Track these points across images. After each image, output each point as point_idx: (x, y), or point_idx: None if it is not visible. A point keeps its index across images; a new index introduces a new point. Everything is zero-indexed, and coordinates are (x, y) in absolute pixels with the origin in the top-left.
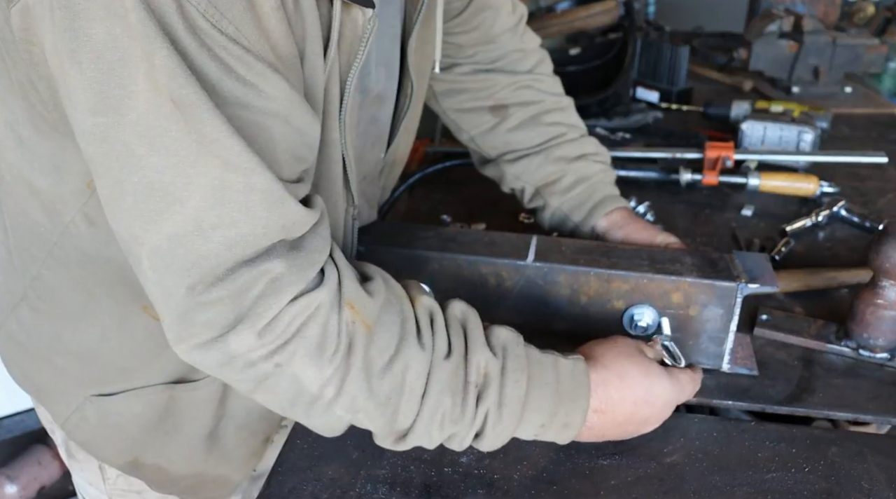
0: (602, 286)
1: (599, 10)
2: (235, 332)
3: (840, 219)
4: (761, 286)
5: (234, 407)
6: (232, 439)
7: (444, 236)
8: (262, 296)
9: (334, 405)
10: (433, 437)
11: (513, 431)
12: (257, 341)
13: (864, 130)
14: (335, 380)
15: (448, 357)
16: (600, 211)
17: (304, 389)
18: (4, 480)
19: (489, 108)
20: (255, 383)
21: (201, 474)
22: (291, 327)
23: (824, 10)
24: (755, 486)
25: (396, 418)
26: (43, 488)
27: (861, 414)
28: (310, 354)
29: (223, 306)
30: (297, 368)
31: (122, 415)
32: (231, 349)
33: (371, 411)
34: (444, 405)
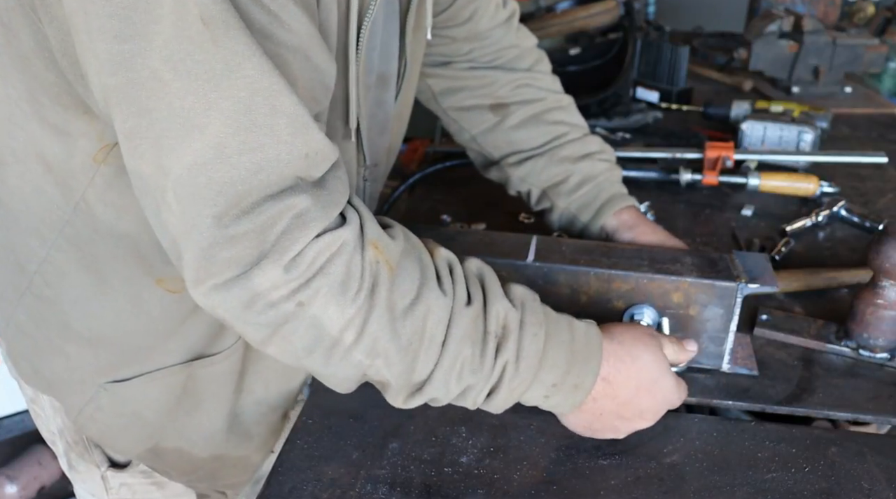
0: (602, 286)
1: (599, 10)
2: (260, 267)
3: (840, 219)
4: (761, 286)
5: (253, 382)
6: (252, 415)
7: (444, 236)
8: (287, 230)
9: (354, 349)
10: (450, 388)
11: (527, 387)
12: (283, 276)
13: (864, 130)
14: (357, 321)
15: (469, 305)
16: (608, 210)
17: (324, 332)
18: (4, 480)
19: (489, 107)
20: (273, 329)
21: (222, 457)
22: (316, 264)
23: (824, 10)
24: (755, 486)
25: (415, 366)
26: (43, 489)
27: (861, 414)
28: (333, 291)
29: (248, 241)
30: (319, 307)
31: (138, 401)
32: (255, 286)
33: (391, 355)
34: (464, 354)
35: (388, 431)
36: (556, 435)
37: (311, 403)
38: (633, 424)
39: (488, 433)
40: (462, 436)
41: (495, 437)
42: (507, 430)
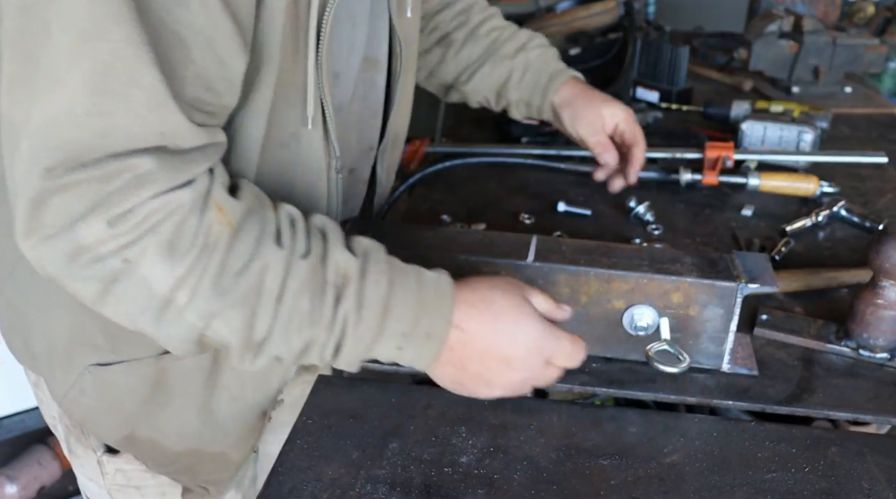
0: (602, 286)
1: (599, 10)
2: (85, 221)
3: (840, 219)
4: (761, 286)
5: (227, 378)
6: (226, 412)
7: (444, 236)
8: (122, 188)
9: (187, 311)
10: (292, 344)
11: (374, 338)
12: (107, 231)
13: (864, 130)
14: (190, 281)
15: (305, 257)
16: (552, 88)
17: (153, 291)
18: (4, 480)
19: (437, 43)
20: (104, 285)
21: (198, 451)
22: (146, 223)
23: (824, 10)
24: (755, 486)
25: (254, 324)
26: (43, 489)
27: (861, 414)
28: (161, 250)
29: (79, 191)
30: (147, 266)
31: (117, 387)
32: (79, 238)
33: (227, 315)
34: (302, 307)
35: (388, 431)
36: (557, 435)
37: (311, 403)
38: (502, 375)
39: (488, 433)
40: (462, 436)
41: (495, 437)
42: (508, 430)
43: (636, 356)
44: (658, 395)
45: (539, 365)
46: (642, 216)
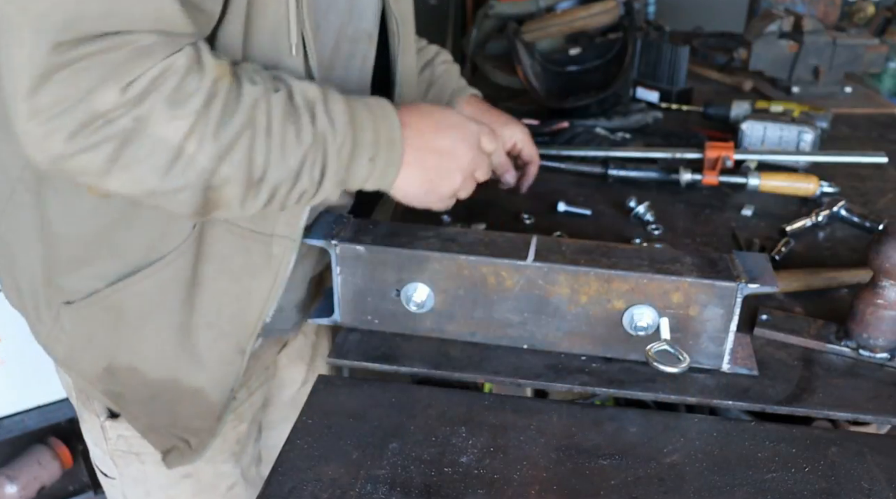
0: (602, 286)
1: (599, 10)
2: (99, 89)
3: (840, 219)
4: (761, 286)
5: (205, 300)
6: (202, 338)
7: (444, 236)
8: (128, 59)
9: (198, 157)
10: (288, 164)
11: (350, 152)
12: (120, 97)
13: (864, 130)
14: (197, 129)
15: (277, 91)
16: (453, 104)
17: (165, 145)
18: (4, 480)
19: None
20: (115, 150)
21: (177, 382)
22: (152, 85)
23: (824, 10)
24: (755, 486)
25: (253, 158)
26: (43, 489)
27: (861, 414)
28: (169, 105)
29: (89, 63)
30: (158, 122)
31: (88, 320)
32: (94, 107)
33: (231, 155)
34: (288, 132)
35: (388, 431)
36: (557, 435)
37: (311, 403)
38: (453, 159)
39: (488, 433)
40: (462, 436)
41: (495, 437)
42: (507, 430)
43: (636, 356)
44: (658, 395)
45: (476, 146)
46: (642, 216)
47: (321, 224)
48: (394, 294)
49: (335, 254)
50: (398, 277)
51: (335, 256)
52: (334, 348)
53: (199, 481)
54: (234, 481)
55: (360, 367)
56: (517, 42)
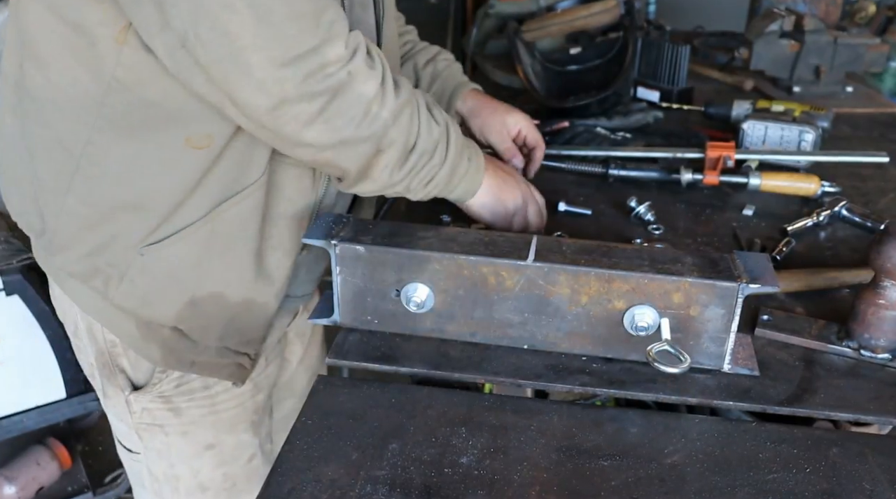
0: (602, 286)
1: (600, 10)
2: (331, 42)
3: (841, 219)
4: (762, 286)
5: (271, 227)
6: (271, 258)
7: (444, 236)
8: (332, 21)
9: (383, 111)
10: (433, 135)
11: (461, 146)
12: (344, 52)
13: (866, 130)
14: (383, 87)
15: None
16: (455, 99)
17: (364, 97)
18: (3, 480)
19: None
20: (328, 100)
21: (250, 303)
22: (358, 45)
23: (825, 10)
24: (756, 487)
25: (411, 127)
26: (41, 489)
27: (862, 415)
28: (366, 65)
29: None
30: (361, 78)
31: (172, 260)
32: (324, 58)
33: (401, 116)
34: (433, 112)
35: (388, 431)
36: (557, 436)
37: (311, 403)
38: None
39: (488, 434)
40: (462, 437)
41: (495, 438)
42: (508, 431)
43: (637, 357)
44: (659, 395)
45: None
46: (643, 216)
47: (321, 224)
48: (394, 294)
49: (335, 254)
50: (398, 277)
51: (335, 256)
52: (334, 349)
53: (222, 453)
54: (253, 453)
55: (360, 367)
56: (517, 41)
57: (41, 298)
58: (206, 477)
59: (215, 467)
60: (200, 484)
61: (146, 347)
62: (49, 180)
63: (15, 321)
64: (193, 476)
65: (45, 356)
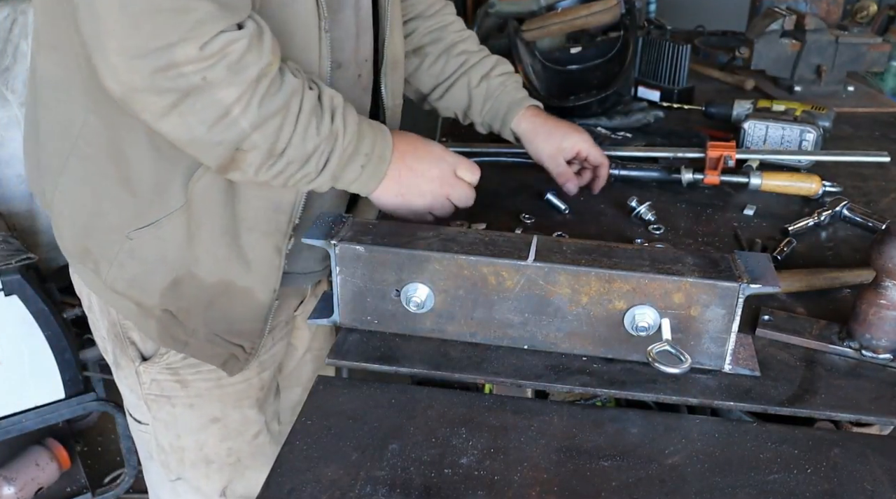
0: (603, 286)
1: (600, 9)
2: (181, 44)
3: (842, 219)
4: (763, 286)
5: (242, 207)
6: (246, 240)
7: (444, 236)
8: (200, 20)
9: (241, 119)
10: (306, 147)
11: (350, 154)
12: (198, 54)
13: (867, 130)
14: (245, 97)
15: (311, 89)
16: (510, 119)
17: (221, 102)
18: (2, 481)
19: (412, 52)
20: (177, 98)
21: (230, 284)
22: (223, 50)
23: (826, 9)
24: (757, 487)
25: (280, 135)
26: (41, 490)
27: (864, 415)
28: (230, 71)
29: (169, 19)
30: (219, 84)
31: (160, 242)
32: (174, 57)
33: (265, 126)
34: (311, 124)
35: (388, 432)
36: (557, 436)
37: (311, 404)
38: (426, 182)
39: (489, 435)
40: (462, 437)
41: (496, 438)
42: (508, 431)
43: (637, 357)
44: (659, 396)
45: (450, 173)
46: (643, 216)
47: (321, 224)
48: (394, 294)
49: (335, 254)
50: (398, 277)
51: (335, 256)
52: (333, 349)
53: (227, 426)
54: (259, 429)
55: (360, 367)
56: (518, 41)
57: (40, 298)
58: (211, 450)
59: (220, 440)
60: (205, 457)
61: (146, 324)
62: (50, 160)
63: (14, 322)
64: (199, 449)
65: (44, 357)
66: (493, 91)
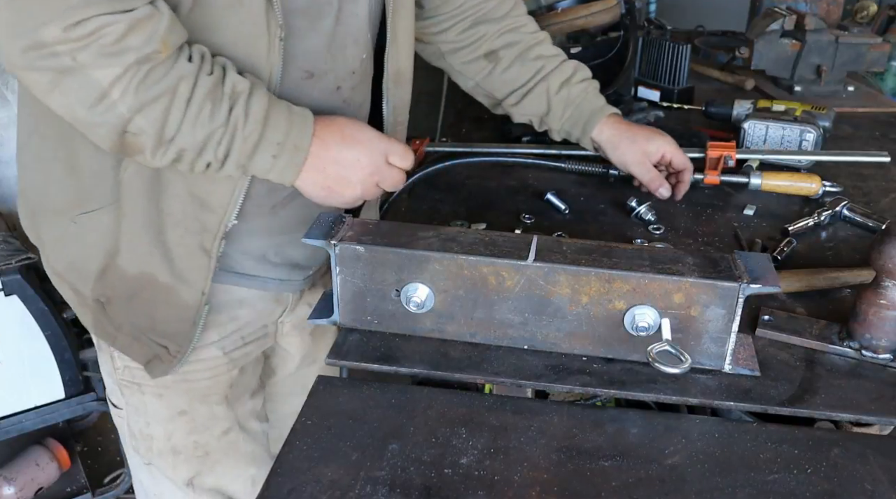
0: (603, 287)
1: (600, 9)
2: (44, 25)
3: (842, 219)
4: (763, 287)
5: (168, 201)
6: (171, 235)
7: (444, 236)
8: (71, 5)
9: (118, 104)
10: (196, 136)
11: (256, 142)
12: (62, 35)
13: (867, 129)
14: (123, 80)
15: (210, 74)
16: (591, 127)
17: (95, 84)
18: (2, 481)
19: (483, 56)
20: (54, 77)
21: (151, 279)
22: (96, 34)
23: (827, 9)
24: (757, 487)
25: (167, 120)
26: (41, 490)
27: (864, 415)
28: (104, 54)
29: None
30: (92, 65)
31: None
32: (40, 37)
33: (147, 110)
34: (205, 109)
35: (388, 432)
36: (557, 436)
37: (311, 404)
38: (355, 171)
39: (489, 435)
40: (462, 437)
41: (496, 438)
42: (508, 431)
43: (637, 357)
44: (659, 396)
45: (381, 161)
46: (643, 216)
47: (320, 224)
48: (394, 294)
49: (335, 254)
50: (398, 277)
51: (335, 256)
52: (333, 349)
53: (194, 420)
54: (228, 427)
55: (360, 368)
56: None
57: (40, 298)
58: (178, 441)
59: (187, 433)
60: (173, 447)
61: (83, 313)
62: (20, 136)
63: (13, 322)
64: (167, 438)
65: (44, 357)
66: (574, 99)
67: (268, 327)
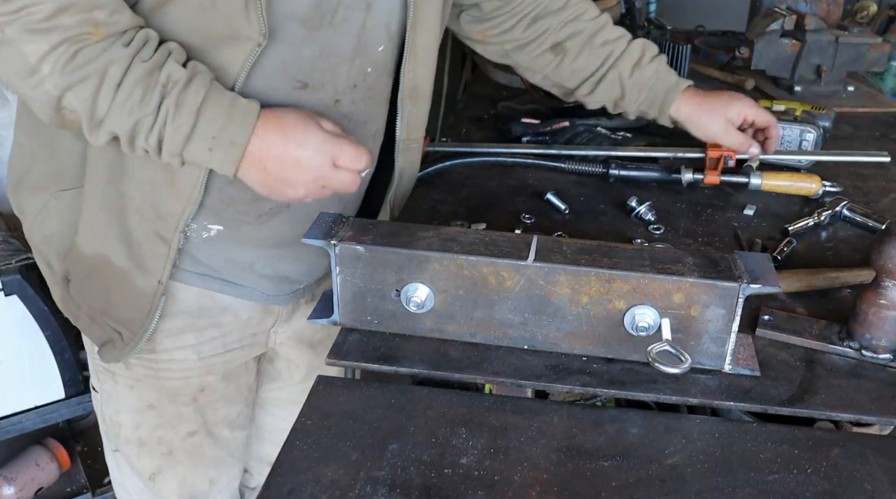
0: (603, 286)
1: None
2: None
3: (842, 219)
4: (763, 287)
5: (130, 187)
6: (132, 219)
7: (444, 236)
8: None
9: (47, 81)
10: (124, 122)
11: (188, 133)
12: None
13: (867, 129)
14: (51, 58)
15: (145, 62)
16: (667, 106)
17: (24, 59)
18: (2, 481)
19: (549, 50)
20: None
21: (105, 261)
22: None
23: (827, 9)
24: (757, 487)
25: (97, 101)
26: (41, 490)
27: (864, 415)
28: (32, 30)
29: None
30: (21, 40)
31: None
32: None
33: (76, 90)
34: (135, 95)
35: (388, 432)
36: (557, 436)
37: (310, 404)
38: (297, 174)
39: (489, 435)
40: (462, 437)
41: (496, 438)
42: (508, 431)
43: (637, 357)
44: (659, 396)
45: (327, 165)
46: (643, 216)
47: (320, 224)
48: (394, 294)
49: (335, 254)
50: (398, 277)
51: (334, 256)
52: (333, 349)
53: (161, 415)
54: (194, 429)
55: (360, 368)
56: None
57: (40, 298)
58: (144, 434)
59: (154, 427)
60: (139, 439)
61: (52, 287)
62: (18, 109)
63: (14, 322)
64: (134, 429)
65: (44, 357)
66: (648, 80)
67: (257, 336)
